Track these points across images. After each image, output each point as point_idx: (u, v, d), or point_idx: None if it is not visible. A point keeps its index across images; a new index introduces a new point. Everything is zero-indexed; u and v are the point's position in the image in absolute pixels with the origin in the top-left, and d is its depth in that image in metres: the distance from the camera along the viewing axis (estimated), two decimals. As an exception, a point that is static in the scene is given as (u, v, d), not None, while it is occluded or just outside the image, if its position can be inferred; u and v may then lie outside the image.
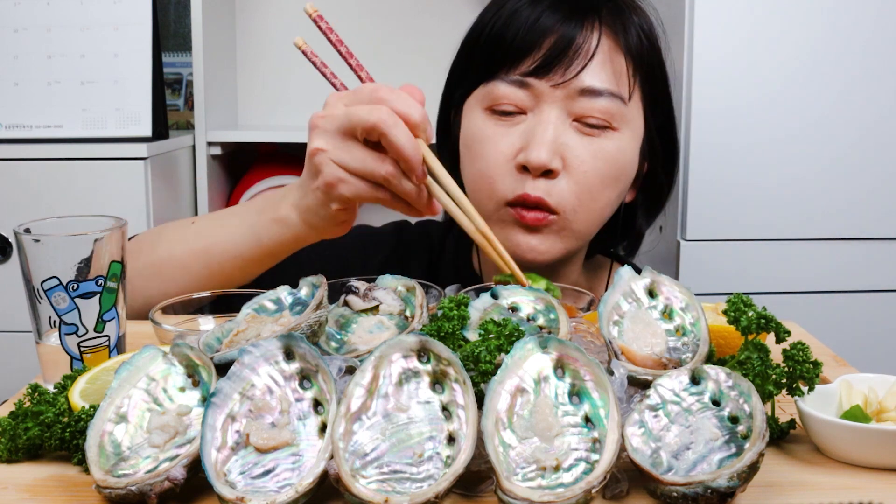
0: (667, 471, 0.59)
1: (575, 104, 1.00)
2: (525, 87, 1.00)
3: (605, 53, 1.00)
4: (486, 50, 1.04)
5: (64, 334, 0.77)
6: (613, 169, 1.02)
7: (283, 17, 2.27)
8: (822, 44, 1.58)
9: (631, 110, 1.02)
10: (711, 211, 1.62)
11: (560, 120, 1.00)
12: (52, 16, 1.84)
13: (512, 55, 1.01)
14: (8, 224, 1.76)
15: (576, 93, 0.99)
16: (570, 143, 1.00)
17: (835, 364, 0.88)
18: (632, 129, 1.03)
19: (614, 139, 1.01)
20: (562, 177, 1.00)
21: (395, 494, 0.56)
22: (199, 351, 0.67)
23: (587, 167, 1.00)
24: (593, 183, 1.01)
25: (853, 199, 1.62)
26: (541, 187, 0.99)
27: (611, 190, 1.03)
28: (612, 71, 1.00)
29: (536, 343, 0.64)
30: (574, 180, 1.00)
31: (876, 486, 0.62)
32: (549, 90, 0.99)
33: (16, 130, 1.82)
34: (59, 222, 0.81)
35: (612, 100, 1.00)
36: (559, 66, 0.99)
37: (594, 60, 0.99)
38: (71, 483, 0.63)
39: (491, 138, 1.02)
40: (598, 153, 1.01)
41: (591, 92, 0.99)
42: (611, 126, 1.01)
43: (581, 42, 0.99)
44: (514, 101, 1.01)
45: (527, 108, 1.01)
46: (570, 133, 1.00)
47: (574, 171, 1.00)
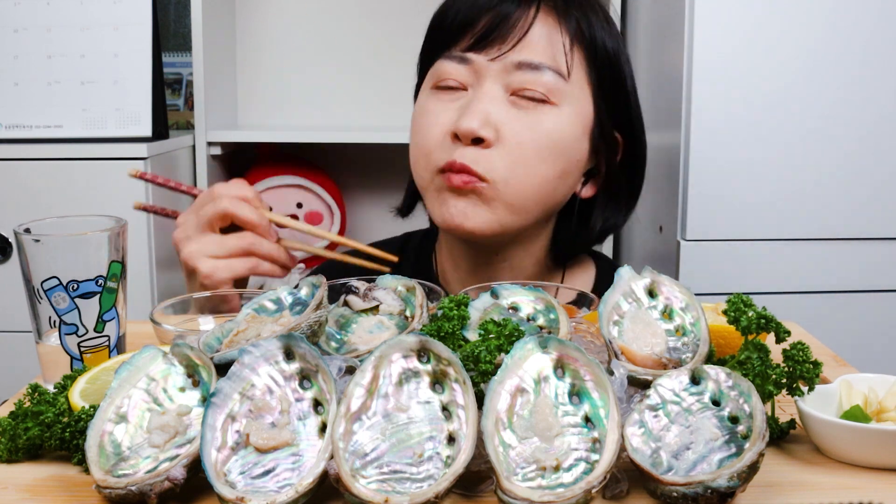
0: (667, 471, 0.59)
1: (512, 77, 1.01)
2: (465, 63, 1.03)
3: (541, 28, 1.02)
4: (432, 32, 1.08)
5: (64, 334, 0.77)
6: (549, 142, 1.02)
7: (283, 17, 2.27)
8: (823, 44, 1.58)
9: (572, 88, 1.03)
10: (711, 211, 1.62)
11: (497, 94, 1.02)
12: (52, 16, 1.84)
13: (452, 33, 1.04)
14: (8, 224, 1.76)
15: (512, 66, 1.01)
16: (507, 116, 1.01)
17: (835, 364, 0.88)
18: (573, 108, 1.03)
19: (552, 114, 1.02)
20: (495, 149, 1.01)
21: (395, 494, 0.56)
22: (199, 351, 0.67)
23: (521, 138, 1.01)
24: (527, 154, 1.01)
25: (853, 199, 1.62)
26: (468, 155, 1.00)
27: (547, 165, 1.02)
28: (550, 46, 1.02)
29: (536, 343, 0.64)
30: (507, 151, 1.01)
31: (876, 486, 0.62)
32: (487, 64, 1.02)
33: (16, 130, 1.82)
34: (59, 222, 0.81)
35: (550, 73, 1.01)
36: (496, 41, 1.01)
37: (530, 35, 1.01)
38: (71, 483, 0.63)
39: (431, 111, 1.05)
40: (534, 125, 1.01)
41: (527, 65, 1.01)
42: (548, 100, 1.01)
43: (517, 17, 1.01)
44: (456, 77, 1.03)
45: (468, 83, 1.03)
46: (506, 106, 1.02)
47: (507, 142, 1.00)
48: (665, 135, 1.71)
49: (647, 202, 1.86)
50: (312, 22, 2.26)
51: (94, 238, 0.77)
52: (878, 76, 1.59)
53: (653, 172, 1.81)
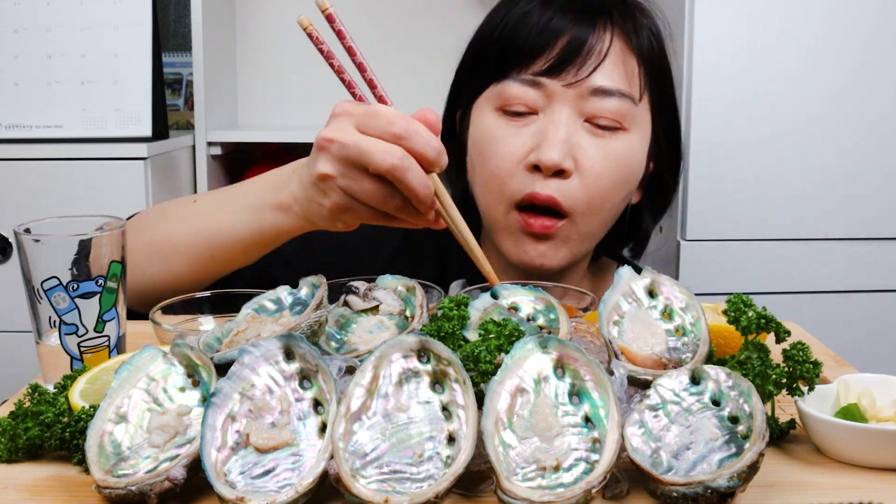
0: (667, 471, 0.59)
1: (586, 104, 1.00)
2: (537, 87, 1.00)
3: (616, 54, 1.01)
4: (497, 50, 1.04)
5: (64, 334, 0.77)
6: (623, 170, 1.02)
7: (283, 17, 2.27)
8: (822, 44, 1.58)
9: (641, 111, 1.03)
10: (711, 211, 1.62)
11: (572, 120, 1.00)
12: (52, 16, 1.84)
13: (524, 55, 1.01)
14: (8, 224, 1.76)
15: (588, 93, 0.99)
16: (582, 143, 1.00)
17: (835, 364, 0.88)
18: (641, 130, 1.04)
19: (625, 140, 1.02)
20: (573, 178, 1.00)
21: (395, 494, 0.56)
22: (199, 351, 0.67)
23: (598, 168, 1.00)
24: (604, 184, 1.01)
25: (853, 199, 1.62)
26: (552, 187, 0.99)
27: (620, 191, 1.03)
28: (624, 72, 1.01)
29: (536, 343, 0.64)
30: (585, 181, 1.00)
31: (876, 486, 0.62)
32: (562, 90, 1.00)
33: (16, 130, 1.82)
34: (59, 222, 0.81)
35: (624, 100, 1.00)
36: (572, 66, 0.99)
37: (606, 61, 1.00)
38: (71, 483, 0.63)
39: (503, 138, 1.02)
40: (610, 154, 1.01)
41: (602, 92, 1.00)
42: (622, 127, 1.01)
43: (593, 42, 0.99)
44: (526, 101, 1.01)
45: (538, 108, 1.01)
46: (581, 133, 1.00)
47: (586, 171, 1.00)
48: (665, 135, 1.71)
49: (647, 202, 1.86)
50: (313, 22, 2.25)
51: (94, 238, 0.77)
52: (878, 76, 1.59)
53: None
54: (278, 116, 2.32)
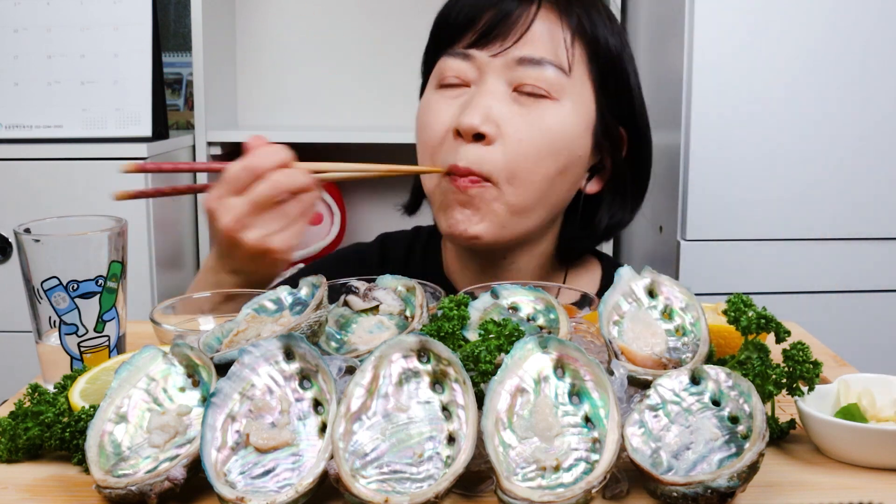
0: (667, 471, 0.59)
1: (514, 73, 1.02)
2: (467, 59, 1.04)
3: (543, 24, 1.02)
4: (436, 30, 1.09)
5: (64, 334, 0.77)
6: (549, 139, 1.02)
7: (283, 17, 2.27)
8: (823, 44, 1.58)
9: (574, 83, 1.03)
10: (711, 211, 1.62)
11: (499, 90, 1.02)
12: (52, 16, 1.84)
13: (455, 30, 1.05)
14: (8, 224, 1.76)
15: (514, 62, 1.01)
16: (508, 112, 1.01)
17: (835, 364, 0.88)
18: (574, 103, 1.03)
19: (552, 109, 1.02)
20: (496, 145, 1.01)
21: (395, 494, 0.56)
22: (199, 351, 0.67)
23: (522, 135, 1.01)
24: (528, 151, 1.01)
25: (853, 199, 1.62)
26: (472, 155, 1.00)
27: (548, 161, 1.02)
28: (550, 39, 1.02)
29: (536, 343, 0.64)
30: (507, 148, 1.01)
31: (876, 486, 0.62)
32: (489, 60, 1.02)
33: (16, 130, 1.82)
34: (59, 222, 0.81)
35: (550, 69, 1.01)
36: (497, 37, 1.02)
37: (532, 30, 1.02)
38: (71, 483, 0.63)
39: (435, 109, 1.05)
40: (535, 121, 1.01)
41: (528, 61, 1.01)
42: (549, 96, 1.02)
43: (518, 15, 1.02)
44: (458, 74, 1.04)
45: (471, 80, 1.04)
46: (507, 102, 1.02)
47: (509, 138, 1.01)
48: (665, 135, 1.71)
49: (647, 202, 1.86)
50: (312, 22, 2.26)
51: (94, 238, 0.77)
52: (879, 76, 1.59)
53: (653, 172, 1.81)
54: (278, 116, 2.32)
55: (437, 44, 1.09)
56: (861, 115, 1.60)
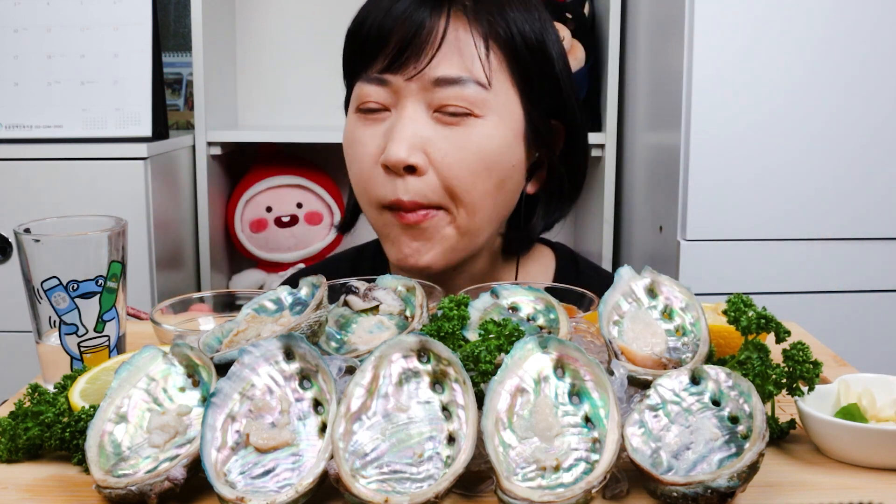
0: (667, 471, 0.59)
1: (433, 95, 0.97)
2: (383, 85, 0.99)
3: (455, 40, 0.97)
4: (351, 49, 1.04)
5: (64, 334, 0.77)
6: (480, 157, 0.98)
7: (283, 17, 2.27)
8: (823, 44, 1.58)
9: (497, 96, 0.99)
10: (711, 211, 1.62)
11: (420, 114, 0.98)
12: (52, 16, 1.84)
13: (368, 52, 1.00)
14: (8, 224, 1.76)
15: (430, 84, 0.97)
16: (432, 136, 0.97)
17: (835, 364, 0.88)
18: (500, 117, 0.99)
19: (477, 127, 0.98)
20: (430, 173, 0.98)
21: (395, 494, 0.56)
22: (199, 351, 0.67)
23: (451, 158, 0.97)
24: (461, 174, 0.98)
25: (853, 199, 1.62)
26: (412, 188, 0.97)
27: (483, 180, 0.99)
28: (465, 56, 0.97)
29: (536, 343, 0.64)
30: (441, 175, 0.98)
31: (876, 486, 0.62)
32: (405, 84, 0.98)
33: (16, 130, 1.82)
34: (59, 222, 0.81)
35: (469, 86, 0.97)
36: (409, 59, 0.97)
37: (444, 48, 0.97)
38: (71, 483, 0.63)
39: (359, 140, 1.01)
40: (461, 143, 0.98)
41: (444, 81, 0.97)
42: (472, 114, 0.98)
43: (428, 31, 0.97)
44: (377, 100, 1.00)
45: (389, 104, 1.00)
46: (431, 126, 0.98)
47: (438, 163, 0.97)
48: (665, 135, 1.71)
49: (647, 202, 1.86)
50: (312, 22, 2.26)
51: (94, 238, 0.77)
52: (879, 76, 1.59)
53: (653, 172, 1.82)
54: (278, 116, 2.32)
55: (351, 64, 1.04)
56: (861, 116, 1.60)
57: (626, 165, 2.02)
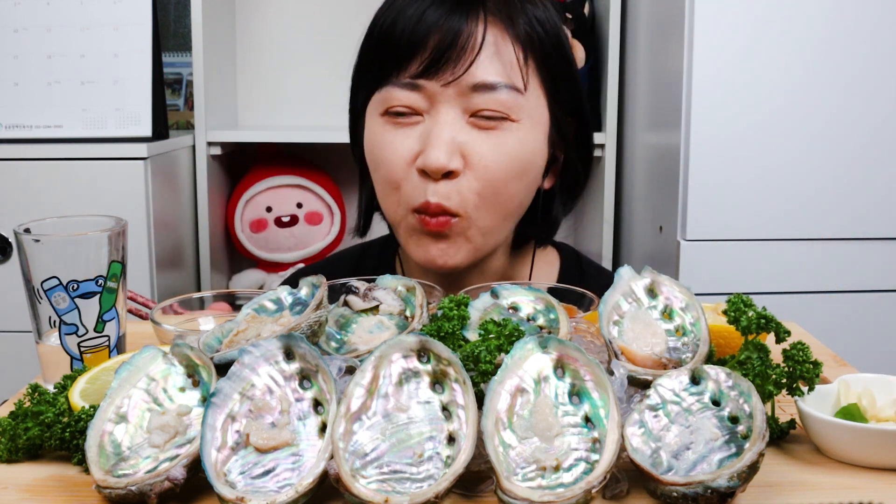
0: (667, 471, 0.59)
1: (469, 101, 0.97)
2: (417, 90, 0.98)
3: (492, 45, 0.97)
4: (376, 53, 1.02)
5: (64, 334, 0.77)
6: (516, 162, 0.99)
7: (283, 17, 2.27)
8: (823, 44, 1.58)
9: (529, 100, 1.00)
10: (711, 211, 1.62)
11: (456, 119, 0.98)
12: (52, 16, 1.84)
13: (400, 57, 0.99)
14: (8, 224, 1.76)
15: (468, 89, 0.97)
16: (469, 140, 0.98)
17: (835, 364, 0.88)
18: (533, 120, 1.00)
19: (514, 131, 0.99)
20: (464, 176, 0.98)
21: (395, 494, 0.56)
22: (199, 351, 0.67)
23: (488, 162, 0.98)
24: (497, 178, 0.98)
25: (853, 199, 1.62)
26: (441, 191, 0.97)
27: (516, 183, 1.00)
28: (503, 62, 0.97)
29: (536, 343, 0.64)
30: (476, 177, 0.98)
31: (876, 486, 0.62)
32: (441, 90, 0.97)
33: (16, 130, 1.82)
34: (59, 222, 0.81)
35: (507, 92, 0.97)
36: (447, 65, 0.96)
37: (482, 54, 0.97)
38: (71, 483, 0.63)
39: (390, 143, 1.00)
40: (499, 147, 0.98)
41: (483, 87, 0.97)
42: (509, 118, 0.98)
43: (466, 36, 0.96)
44: (409, 105, 0.99)
45: (422, 109, 0.99)
46: (467, 130, 0.98)
47: (476, 167, 0.98)
48: (665, 135, 1.71)
49: (647, 202, 1.86)
50: (312, 22, 2.26)
51: (94, 238, 0.77)
52: (879, 76, 1.59)
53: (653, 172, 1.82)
54: (278, 116, 2.32)
55: (379, 66, 1.01)
56: (861, 116, 1.60)
57: (626, 165, 2.02)
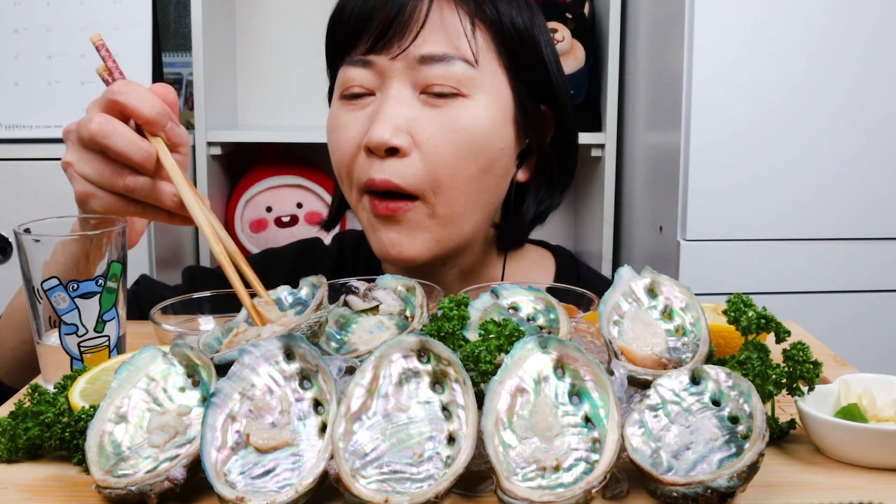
0: (667, 471, 0.59)
1: (418, 75, 0.95)
2: (367, 66, 0.97)
3: (439, 17, 0.95)
4: (333, 35, 1.02)
5: (64, 334, 0.77)
6: (468, 138, 0.95)
7: (283, 16, 2.27)
8: (823, 44, 1.58)
9: (484, 75, 0.97)
10: (711, 211, 1.62)
11: (406, 95, 0.96)
12: (52, 16, 1.84)
13: (350, 36, 0.98)
14: (8, 224, 1.76)
15: (416, 62, 0.95)
16: (419, 117, 0.95)
17: (835, 364, 0.88)
18: (488, 95, 0.97)
19: (465, 106, 0.96)
20: (412, 155, 0.95)
21: (395, 494, 0.56)
22: (199, 351, 0.67)
23: (437, 139, 0.95)
24: (447, 157, 0.95)
25: (853, 199, 1.62)
26: (388, 169, 0.94)
27: (470, 163, 0.96)
28: (448, 33, 0.95)
29: (536, 343, 0.64)
30: (425, 157, 0.95)
31: (876, 486, 0.62)
32: (390, 64, 0.95)
33: (16, 130, 1.82)
34: (59, 222, 0.81)
35: (456, 63, 0.95)
36: (393, 38, 0.95)
37: (429, 25, 0.95)
38: (71, 483, 0.63)
39: (343, 125, 0.99)
40: (448, 123, 0.95)
41: (430, 59, 0.95)
42: (460, 93, 0.95)
43: (411, 10, 0.95)
44: (361, 83, 0.98)
45: (374, 87, 0.98)
46: (417, 107, 0.96)
47: (424, 145, 0.95)
48: (665, 135, 1.71)
49: (647, 202, 1.86)
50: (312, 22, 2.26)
51: (95, 238, 0.77)
52: (879, 76, 1.59)
53: (653, 172, 1.82)
54: (278, 116, 2.32)
55: (334, 50, 1.02)
56: (861, 116, 1.60)
57: (626, 165, 2.02)
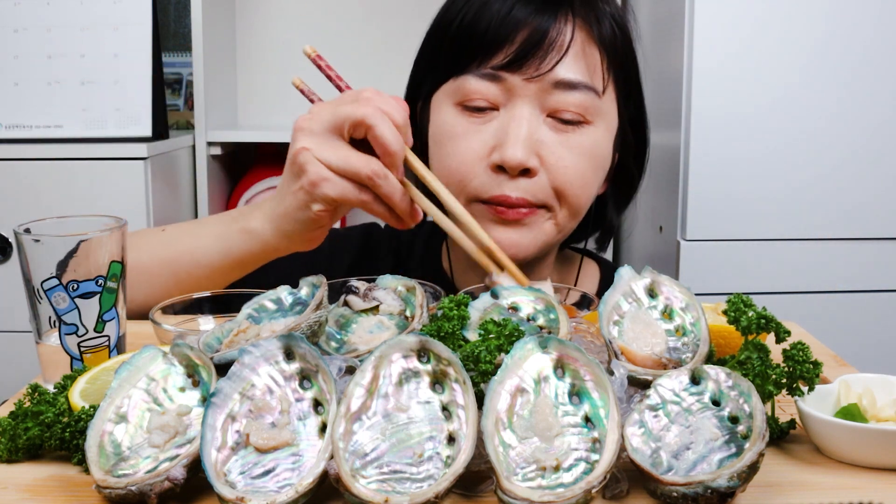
0: (667, 471, 0.59)
1: (549, 99, 0.97)
2: (497, 81, 0.98)
3: (579, 46, 0.98)
4: (456, 42, 1.01)
5: (64, 334, 0.77)
6: (591, 164, 1.00)
7: (283, 17, 2.27)
8: (823, 44, 1.58)
9: (605, 103, 1.01)
10: (711, 211, 1.62)
11: (534, 116, 0.98)
12: (52, 16, 1.84)
13: (484, 48, 0.98)
14: (8, 224, 1.76)
15: (550, 86, 0.97)
16: (546, 139, 0.98)
17: (835, 364, 0.88)
18: (606, 122, 1.01)
19: (589, 133, 1.00)
20: (541, 174, 0.98)
21: (395, 494, 0.56)
22: (199, 351, 0.67)
23: (566, 163, 0.98)
24: (573, 179, 0.99)
25: (853, 200, 1.62)
26: (521, 187, 0.98)
27: (591, 185, 1.02)
28: (587, 64, 0.98)
29: (536, 343, 0.64)
30: (553, 177, 0.98)
31: (876, 486, 0.62)
32: (523, 84, 0.97)
33: (16, 130, 1.82)
34: (59, 222, 0.81)
35: (587, 93, 0.98)
36: (533, 60, 0.96)
37: (569, 53, 0.97)
38: (71, 483, 0.63)
39: (463, 135, 1.00)
40: (575, 149, 0.99)
41: (565, 85, 0.97)
42: (585, 120, 0.99)
43: (555, 34, 0.96)
44: (486, 96, 0.98)
45: (499, 103, 0.99)
46: (544, 129, 0.98)
47: (552, 168, 0.98)
48: (665, 135, 1.71)
49: (647, 202, 1.86)
50: (312, 22, 2.26)
51: (94, 238, 0.77)
52: (879, 76, 1.59)
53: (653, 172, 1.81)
54: (278, 116, 2.32)
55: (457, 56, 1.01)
56: (861, 115, 1.60)
57: (626, 165, 2.01)
